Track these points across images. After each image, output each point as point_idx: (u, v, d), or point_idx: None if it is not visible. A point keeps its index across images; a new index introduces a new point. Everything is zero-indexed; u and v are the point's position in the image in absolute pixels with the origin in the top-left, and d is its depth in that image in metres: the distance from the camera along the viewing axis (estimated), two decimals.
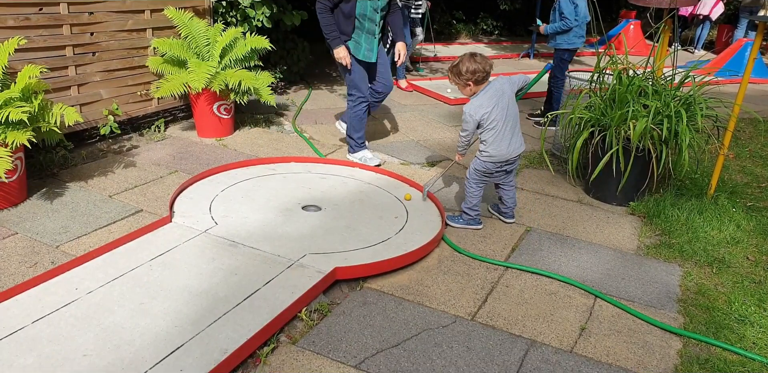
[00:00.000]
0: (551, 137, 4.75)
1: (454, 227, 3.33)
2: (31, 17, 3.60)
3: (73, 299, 2.43)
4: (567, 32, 5.15)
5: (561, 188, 4.02)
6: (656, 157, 3.50)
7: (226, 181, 3.68)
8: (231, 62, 4.54)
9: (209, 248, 2.89)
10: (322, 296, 2.62)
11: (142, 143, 4.34)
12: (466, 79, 3.04)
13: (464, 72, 3.02)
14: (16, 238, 2.92)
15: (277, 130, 4.89)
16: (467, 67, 3.01)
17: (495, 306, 2.63)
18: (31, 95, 3.24)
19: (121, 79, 4.29)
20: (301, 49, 6.27)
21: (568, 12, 5.08)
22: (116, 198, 3.42)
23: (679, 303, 2.73)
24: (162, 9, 4.39)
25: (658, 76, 3.86)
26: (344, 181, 3.85)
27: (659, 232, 3.41)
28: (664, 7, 3.98)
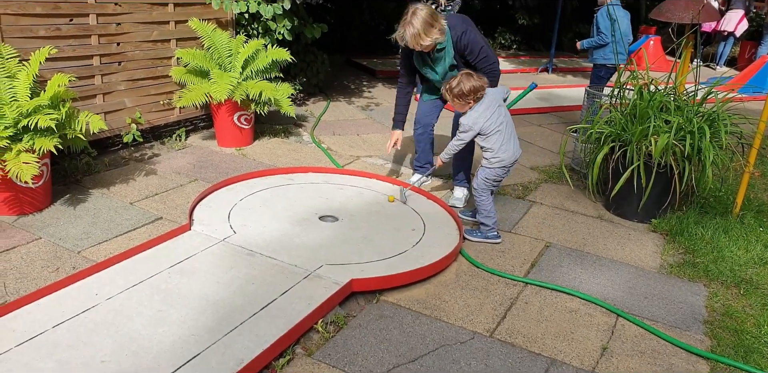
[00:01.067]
0: (570, 152, 4.72)
1: (472, 240, 3.30)
2: (61, 28, 3.67)
3: (92, 304, 2.44)
4: (603, 47, 5.11)
5: (581, 203, 3.98)
6: (679, 174, 3.46)
7: (245, 191, 3.70)
8: (252, 73, 4.58)
9: (227, 257, 2.90)
10: (338, 308, 2.60)
11: (163, 152, 4.38)
12: (469, 98, 3.13)
13: (467, 92, 3.10)
14: (39, 243, 2.95)
15: (295, 140, 4.91)
16: (470, 87, 3.08)
17: (514, 323, 2.59)
18: (59, 103, 3.30)
19: (145, 88, 4.35)
20: (320, 61, 6.32)
21: (605, 27, 5.06)
22: (137, 205, 3.45)
23: (706, 325, 2.66)
24: (186, 20, 4.46)
25: (680, 92, 3.83)
26: (361, 192, 3.85)
27: (683, 250, 3.35)
28: (686, 22, 3.96)
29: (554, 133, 5.67)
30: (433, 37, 3.22)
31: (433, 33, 3.20)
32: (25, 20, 3.49)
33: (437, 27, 3.21)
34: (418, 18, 3.17)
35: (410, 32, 3.18)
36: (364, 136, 5.17)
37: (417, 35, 3.18)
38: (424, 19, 3.17)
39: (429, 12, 3.19)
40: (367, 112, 6.00)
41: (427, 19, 3.17)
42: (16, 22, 3.45)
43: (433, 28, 3.20)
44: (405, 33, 3.20)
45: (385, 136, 5.21)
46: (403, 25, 3.21)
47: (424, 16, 3.17)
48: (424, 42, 3.22)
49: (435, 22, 3.20)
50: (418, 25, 3.17)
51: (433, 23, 3.19)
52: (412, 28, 3.17)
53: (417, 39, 3.20)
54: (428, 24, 3.18)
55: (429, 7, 3.23)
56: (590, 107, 4.28)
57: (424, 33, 3.18)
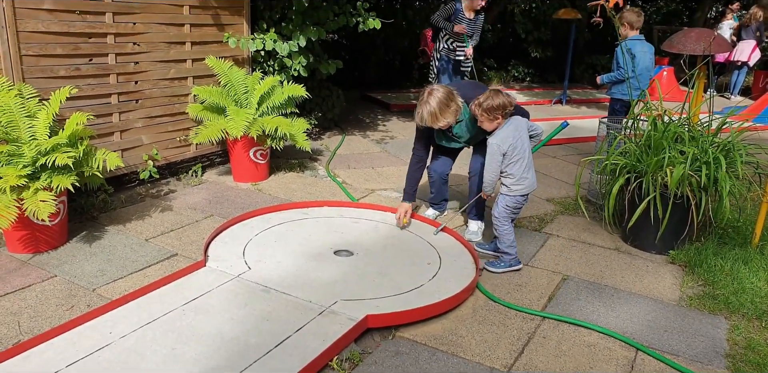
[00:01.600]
0: (586, 183, 4.70)
1: (497, 272, 3.30)
2: (81, 67, 3.79)
3: (106, 343, 2.44)
4: (622, 82, 5.08)
5: (597, 235, 3.94)
6: (695, 205, 3.42)
7: (260, 226, 3.72)
8: (268, 109, 4.67)
9: (242, 293, 2.89)
10: (353, 345, 2.57)
11: (179, 188, 4.44)
12: (498, 113, 3.15)
13: (496, 107, 3.13)
14: (54, 280, 2.98)
15: (311, 174, 4.95)
16: (499, 103, 3.13)
17: (532, 358, 2.54)
18: (77, 141, 3.38)
19: (162, 125, 4.44)
20: (335, 96, 6.43)
21: (624, 62, 5.05)
22: (152, 242, 3.48)
23: (727, 359, 2.59)
24: (203, 58, 4.59)
25: (694, 122, 3.82)
26: (376, 225, 3.85)
27: (702, 282, 3.29)
28: (698, 54, 3.98)
29: (569, 164, 5.66)
30: (448, 119, 3.29)
31: (447, 115, 3.27)
32: (46, 61, 3.61)
33: (453, 107, 3.28)
34: (434, 98, 3.23)
35: (427, 110, 3.24)
36: (378, 170, 5.20)
37: (434, 115, 3.25)
38: (440, 100, 3.23)
39: (445, 93, 3.26)
40: (381, 146, 6.05)
41: (443, 100, 3.24)
42: (37, 62, 3.57)
43: (449, 109, 3.26)
44: (422, 112, 3.27)
45: (399, 169, 5.23)
46: (420, 105, 3.28)
47: (440, 98, 3.24)
48: (440, 123, 3.29)
49: (451, 102, 3.26)
50: (434, 105, 3.23)
51: (449, 104, 3.26)
52: (429, 107, 3.24)
53: (434, 118, 3.27)
54: (444, 105, 3.24)
55: (445, 88, 3.29)
56: (606, 137, 4.27)
57: (440, 113, 3.25)
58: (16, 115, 3.27)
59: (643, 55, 5.08)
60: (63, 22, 3.64)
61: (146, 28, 4.15)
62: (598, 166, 3.98)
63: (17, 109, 3.28)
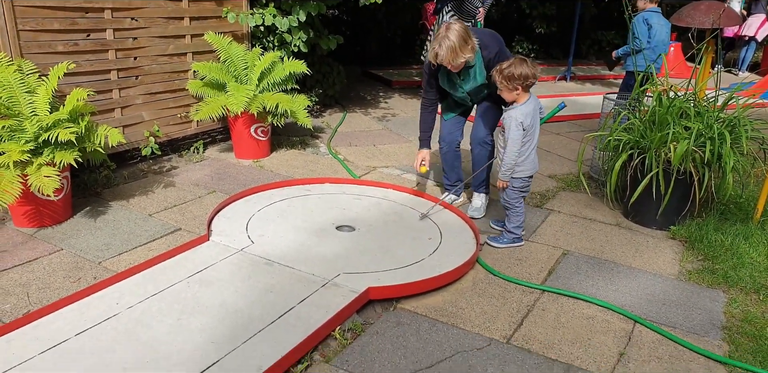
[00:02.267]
0: (589, 160, 4.69)
1: (498, 247, 3.32)
2: (79, 43, 3.77)
3: (114, 313, 2.48)
4: (637, 54, 4.98)
5: (599, 210, 3.95)
6: (698, 181, 3.42)
7: (263, 202, 3.74)
8: (269, 85, 4.65)
9: (245, 267, 2.93)
10: (355, 316, 2.61)
11: (181, 164, 4.45)
12: (518, 83, 2.98)
13: (517, 76, 2.95)
14: (61, 254, 3.01)
15: (312, 152, 4.96)
16: (521, 72, 2.95)
17: (531, 330, 2.58)
18: (78, 117, 3.38)
19: (162, 101, 4.43)
20: (336, 72, 6.38)
21: (641, 32, 4.95)
22: (156, 217, 3.50)
23: (724, 331, 2.62)
24: (202, 34, 4.55)
25: (700, 98, 3.79)
26: (378, 202, 3.86)
27: (702, 257, 3.31)
28: (707, 27, 3.93)
29: (572, 141, 5.64)
30: (467, 55, 3.12)
31: (466, 51, 3.11)
32: (44, 36, 3.59)
33: (470, 44, 3.11)
34: (453, 33, 3.05)
35: (447, 45, 3.05)
36: (380, 147, 5.20)
37: (453, 50, 3.06)
38: (459, 35, 3.05)
39: (463, 28, 3.09)
40: (383, 123, 6.03)
41: (463, 35, 3.06)
42: (35, 38, 3.55)
43: (467, 46, 3.10)
44: (440, 48, 3.07)
45: (401, 146, 5.23)
46: (438, 40, 3.09)
47: (460, 32, 3.06)
48: (459, 59, 3.11)
49: (469, 38, 3.10)
50: (454, 39, 3.05)
51: (467, 40, 3.09)
52: (448, 42, 3.05)
53: (453, 54, 3.08)
54: (463, 40, 3.07)
55: (462, 23, 3.13)
56: (610, 114, 4.24)
57: (460, 49, 3.07)
58: (16, 91, 3.26)
59: (660, 27, 5.00)
60: None
61: (144, 3, 4.10)
62: (601, 142, 3.97)
63: (17, 84, 3.27)
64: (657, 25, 5.00)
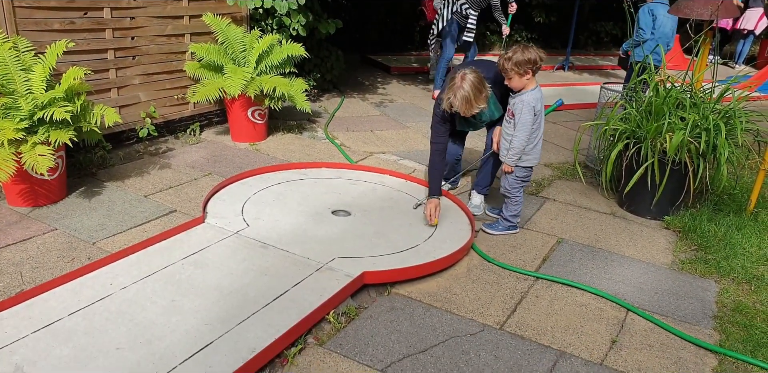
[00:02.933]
0: (585, 149, 4.70)
1: (494, 234, 3.34)
2: (75, 21, 3.72)
3: (107, 293, 2.48)
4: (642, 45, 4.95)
5: (594, 199, 3.96)
6: (693, 171, 3.43)
7: (259, 185, 3.73)
8: (266, 68, 4.61)
9: (240, 249, 2.92)
10: (350, 300, 2.62)
11: (177, 146, 4.43)
12: (528, 67, 2.96)
13: (527, 61, 2.94)
14: (55, 233, 3.00)
15: (309, 136, 4.94)
16: (530, 56, 2.94)
17: (524, 316, 2.59)
18: (74, 96, 3.34)
19: (159, 82, 4.39)
20: (334, 57, 6.34)
21: (644, 23, 4.91)
22: (151, 198, 3.49)
23: (715, 320, 2.66)
24: (200, 15, 4.50)
25: (696, 89, 3.79)
26: (374, 187, 3.86)
27: (695, 247, 3.33)
28: (705, 18, 3.91)
29: (569, 130, 5.64)
30: (481, 106, 3.05)
31: (481, 101, 3.02)
32: (39, 13, 3.53)
33: (484, 93, 3.03)
34: (468, 83, 2.97)
35: (461, 96, 2.97)
36: (377, 133, 5.18)
37: (468, 101, 2.98)
38: (473, 85, 2.97)
39: (477, 77, 3.00)
40: (381, 109, 6.01)
41: (477, 85, 2.99)
42: (31, 15, 3.50)
43: (481, 95, 3.01)
44: (455, 99, 2.99)
45: (398, 132, 5.22)
46: (453, 91, 3.00)
47: (474, 82, 2.98)
48: (474, 110, 3.04)
49: (483, 88, 3.02)
50: (469, 90, 2.97)
51: (481, 90, 3.01)
52: (462, 92, 2.97)
53: (468, 106, 3.00)
54: (478, 90, 2.99)
55: (475, 72, 3.03)
56: (607, 103, 4.23)
57: (475, 100, 2.99)
58: (11, 68, 3.22)
59: (666, 19, 4.95)
60: None
61: None
62: (598, 131, 3.98)
63: (12, 62, 3.23)
64: (662, 17, 4.95)
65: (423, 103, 6.35)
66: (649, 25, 4.95)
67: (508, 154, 3.18)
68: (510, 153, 3.17)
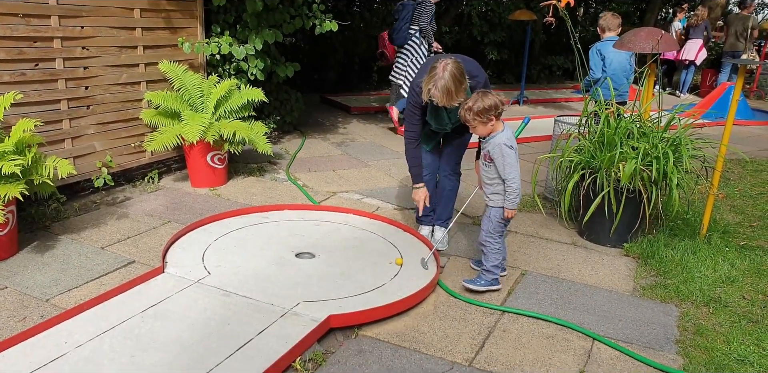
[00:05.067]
0: (543, 181, 4.80)
1: (478, 291, 3.08)
2: (27, 72, 3.68)
3: (61, 353, 2.37)
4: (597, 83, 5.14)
5: (554, 230, 4.03)
6: (647, 198, 3.53)
7: (219, 231, 3.68)
8: (225, 113, 4.62)
9: (202, 298, 2.86)
10: (316, 345, 2.57)
11: (135, 194, 4.35)
12: (491, 114, 2.90)
13: (488, 107, 2.87)
14: (5, 292, 2.88)
15: (270, 178, 4.92)
16: (491, 103, 2.87)
17: (492, 351, 2.58)
18: (24, 149, 3.28)
19: (115, 131, 4.35)
20: (294, 99, 6.41)
21: (593, 63, 5.12)
22: (108, 250, 3.40)
23: (678, 344, 2.69)
24: (157, 63, 4.51)
25: (645, 119, 3.94)
26: (338, 227, 3.85)
27: (654, 272, 3.40)
28: (648, 52, 4.12)
29: (526, 163, 5.75)
30: (460, 99, 2.98)
31: (461, 93, 2.97)
32: None
33: (464, 85, 2.98)
34: (449, 74, 2.90)
35: (442, 85, 2.91)
36: (340, 172, 5.20)
37: (449, 92, 2.92)
38: (455, 77, 2.91)
39: (459, 68, 2.95)
40: (342, 148, 6.05)
41: (458, 76, 2.93)
42: None
43: (461, 87, 2.96)
44: (435, 89, 2.92)
45: (361, 171, 5.25)
46: (433, 80, 2.92)
47: (456, 73, 2.92)
48: (453, 102, 2.97)
49: (464, 79, 2.97)
50: (450, 80, 2.91)
51: (462, 81, 2.96)
52: (443, 82, 2.90)
53: (448, 97, 2.94)
54: (459, 82, 2.94)
55: (457, 63, 2.97)
56: (561, 136, 4.34)
57: (455, 92, 2.93)
58: None
59: (615, 55, 5.17)
60: (5, 26, 3.52)
61: (95, 32, 4.06)
62: (554, 163, 4.07)
63: None
64: (611, 53, 5.17)
65: (384, 141, 6.42)
66: (599, 64, 5.16)
67: (508, 198, 3.01)
68: (509, 197, 3.01)
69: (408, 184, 4.88)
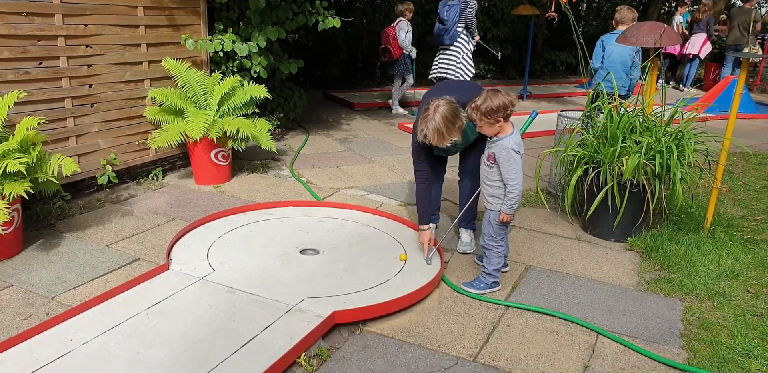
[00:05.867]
0: (547, 176, 4.79)
1: (478, 293, 3.03)
2: (30, 71, 3.70)
3: (67, 350, 2.39)
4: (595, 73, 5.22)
5: (558, 225, 4.02)
6: (651, 193, 3.52)
7: (224, 228, 3.69)
8: (229, 110, 4.63)
9: (207, 295, 2.87)
10: (321, 341, 2.58)
11: (139, 192, 4.37)
12: (499, 115, 2.83)
13: (496, 109, 2.80)
14: (11, 290, 2.90)
15: (274, 175, 4.93)
16: (499, 103, 2.80)
17: (497, 346, 2.59)
18: (29, 147, 3.30)
19: (119, 129, 4.36)
20: (297, 96, 6.41)
21: (595, 53, 5.22)
22: (113, 247, 3.42)
23: (682, 338, 2.69)
24: (160, 60, 4.52)
25: (648, 113, 3.93)
26: (342, 223, 3.86)
27: (658, 267, 3.39)
28: (650, 46, 4.10)
29: (530, 158, 5.73)
30: (454, 138, 2.98)
31: (453, 133, 2.96)
32: None
33: (458, 124, 2.95)
34: (440, 116, 2.90)
35: (433, 127, 2.91)
36: (343, 168, 5.21)
37: (440, 134, 2.93)
38: (446, 118, 2.90)
39: (450, 109, 2.93)
40: (345, 145, 6.05)
41: (450, 117, 2.91)
42: None
43: (454, 127, 2.94)
44: (428, 130, 2.94)
45: (364, 167, 5.25)
46: (425, 122, 2.94)
47: (447, 114, 2.91)
48: (446, 142, 2.98)
49: (457, 119, 2.94)
50: (441, 123, 2.90)
51: (455, 121, 2.93)
52: (434, 124, 2.91)
53: (440, 138, 2.94)
54: (451, 123, 2.92)
55: (450, 104, 2.96)
56: (565, 130, 4.34)
57: (447, 132, 2.93)
58: None
59: (614, 48, 5.21)
60: (9, 25, 3.54)
61: (99, 30, 4.06)
62: (557, 158, 4.07)
63: None
64: (611, 47, 5.21)
65: (387, 137, 6.42)
66: (599, 55, 5.23)
67: (507, 202, 2.94)
68: (509, 202, 2.94)
69: (411, 180, 4.88)
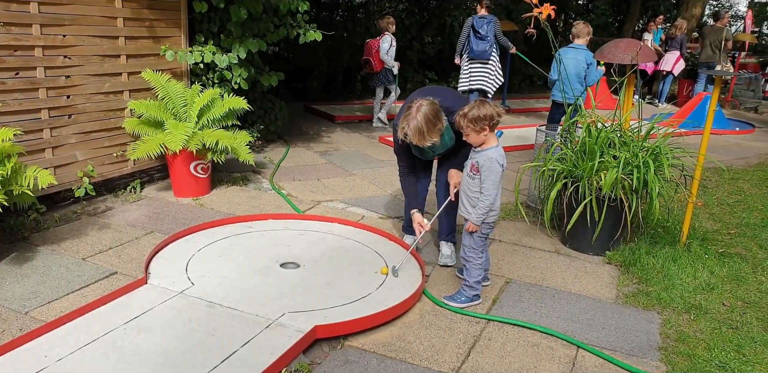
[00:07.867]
0: (526, 190, 4.84)
1: (459, 307, 3.04)
2: (6, 81, 3.64)
3: (42, 367, 2.33)
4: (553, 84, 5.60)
5: (538, 239, 4.06)
6: (628, 207, 3.58)
7: (203, 241, 3.65)
8: (208, 122, 4.60)
9: (186, 310, 2.83)
10: (302, 356, 2.55)
11: (117, 204, 4.31)
12: (485, 124, 2.86)
13: (483, 117, 2.84)
14: None
15: (254, 187, 4.91)
16: (486, 112, 2.85)
17: (478, 360, 2.59)
18: (4, 158, 3.23)
19: (97, 140, 4.31)
20: (278, 108, 6.40)
21: (552, 66, 5.45)
22: (90, 261, 3.36)
23: (661, 351, 2.72)
24: (140, 72, 4.49)
25: (625, 129, 4.01)
26: (323, 236, 3.84)
27: (636, 280, 3.44)
28: (627, 63, 4.20)
29: (509, 172, 5.74)
30: (434, 139, 3.02)
31: (434, 134, 3.00)
32: None
33: (438, 126, 3.00)
34: (422, 116, 2.94)
35: (414, 126, 2.95)
36: (324, 181, 5.20)
37: (421, 133, 2.97)
38: (427, 118, 2.95)
39: (433, 110, 2.97)
40: (326, 157, 6.05)
41: (431, 118, 2.96)
42: None
43: (435, 128, 2.98)
44: (408, 129, 2.97)
45: (345, 180, 5.25)
46: (407, 120, 2.97)
47: (428, 115, 2.95)
48: (426, 142, 3.02)
49: (438, 120, 2.99)
50: (422, 122, 2.94)
51: (435, 123, 2.98)
52: (415, 123, 2.95)
53: (420, 137, 2.98)
54: (431, 123, 2.96)
55: (433, 104, 3.00)
56: (544, 145, 4.42)
57: (427, 133, 2.97)
58: None
59: (571, 61, 5.43)
60: None
61: (78, 41, 4.02)
62: (537, 172, 4.12)
63: None
64: (567, 59, 5.44)
65: (368, 150, 6.44)
66: (554, 68, 5.46)
67: (476, 212, 2.98)
68: (478, 212, 2.98)
69: (392, 192, 4.90)
